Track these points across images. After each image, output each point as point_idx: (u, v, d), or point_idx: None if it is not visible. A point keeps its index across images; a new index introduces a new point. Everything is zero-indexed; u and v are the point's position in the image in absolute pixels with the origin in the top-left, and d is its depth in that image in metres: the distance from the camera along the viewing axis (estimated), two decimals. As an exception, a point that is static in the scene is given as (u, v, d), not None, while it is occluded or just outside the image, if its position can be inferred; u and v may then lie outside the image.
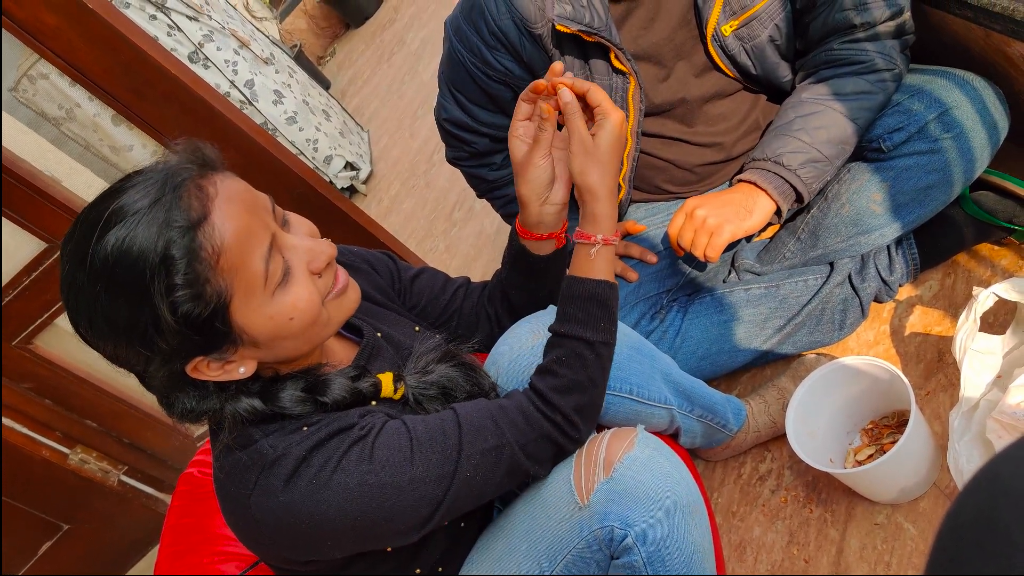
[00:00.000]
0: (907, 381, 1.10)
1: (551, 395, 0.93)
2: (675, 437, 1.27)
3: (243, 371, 0.86)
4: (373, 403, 0.94)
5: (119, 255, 0.76)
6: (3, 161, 1.84)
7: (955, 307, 1.33)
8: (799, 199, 1.26)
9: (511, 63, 1.30)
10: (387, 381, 0.95)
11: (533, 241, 1.09)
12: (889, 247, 1.36)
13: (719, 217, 1.23)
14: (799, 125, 1.24)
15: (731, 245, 1.34)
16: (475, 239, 2.52)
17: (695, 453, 1.39)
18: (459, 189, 2.74)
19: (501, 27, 1.26)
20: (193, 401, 0.86)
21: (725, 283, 1.44)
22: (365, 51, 4.64)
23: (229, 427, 0.87)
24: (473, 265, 2.45)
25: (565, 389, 0.94)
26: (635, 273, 1.45)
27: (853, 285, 1.35)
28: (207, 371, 0.84)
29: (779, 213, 1.27)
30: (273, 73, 3.26)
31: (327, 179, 3.29)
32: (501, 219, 1.71)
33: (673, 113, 1.37)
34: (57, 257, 1.91)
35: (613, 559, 0.92)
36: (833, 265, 1.36)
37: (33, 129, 2.39)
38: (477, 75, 1.34)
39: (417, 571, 1.00)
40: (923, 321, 1.35)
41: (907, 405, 1.09)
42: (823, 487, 1.26)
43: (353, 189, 3.41)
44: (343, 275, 0.93)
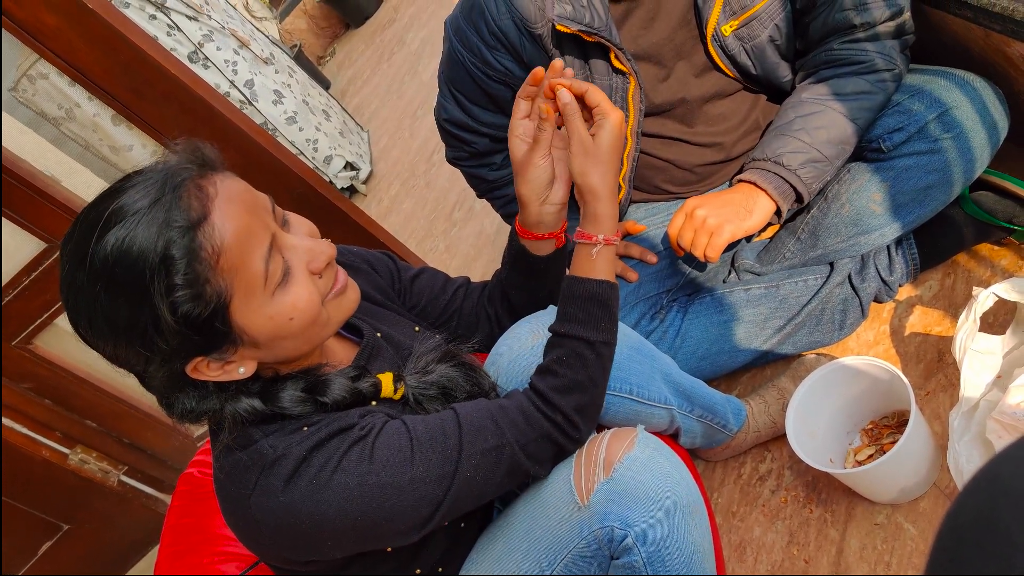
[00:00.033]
0: (907, 381, 1.10)
1: (551, 395, 0.93)
2: (675, 437, 1.27)
3: (243, 371, 0.86)
4: (373, 403, 0.94)
5: (119, 255, 0.76)
6: (3, 161, 1.84)
7: (955, 307, 1.33)
8: (799, 199, 1.26)
9: (511, 63, 1.30)
10: (387, 381, 0.95)
11: (533, 241, 1.09)
12: (889, 247, 1.36)
13: (719, 217, 1.23)
14: (799, 125, 1.24)
15: (731, 245, 1.34)
16: (475, 239, 2.52)
17: (695, 453, 1.39)
18: (459, 189, 2.74)
19: (501, 27, 1.26)
20: (193, 401, 0.86)
21: (725, 283, 1.44)
22: (365, 51, 4.64)
23: (229, 427, 0.87)
24: (473, 265, 2.44)
25: (565, 389, 0.94)
26: (635, 273, 1.45)
27: (853, 285, 1.35)
28: (207, 371, 0.84)
29: (779, 213, 1.27)
30: (273, 73, 3.26)
31: (327, 179, 3.29)
32: (501, 219, 1.71)
33: (673, 113, 1.37)
34: (57, 257, 1.91)
35: (613, 559, 0.92)
36: (833, 265, 1.36)
37: (33, 129, 2.39)
38: (477, 75, 1.33)
39: (417, 571, 1.00)
40: (923, 321, 1.35)
41: (907, 405, 1.09)
42: (823, 487, 1.26)
43: (353, 189, 3.41)
44: (343, 275, 0.93)
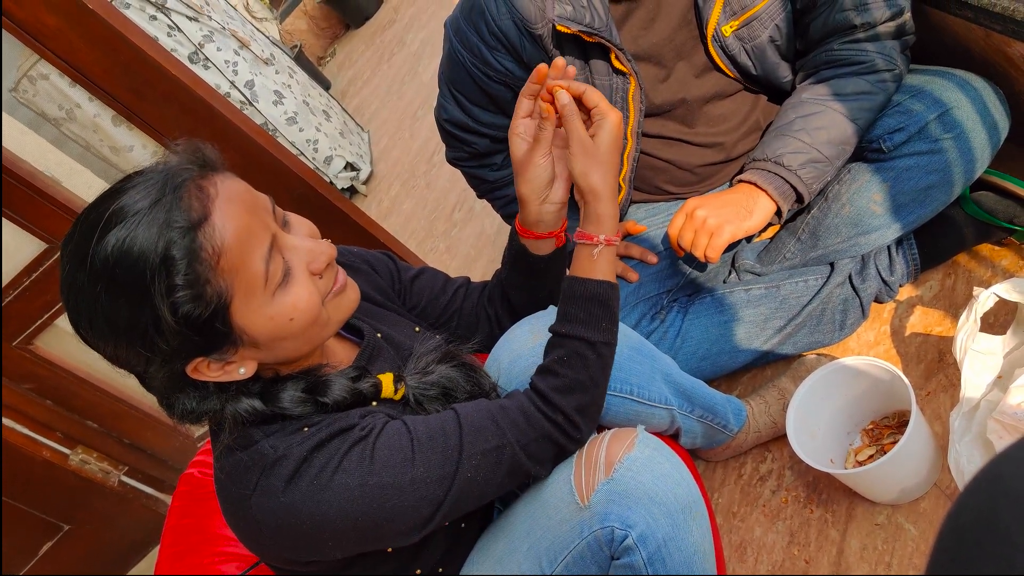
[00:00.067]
0: (907, 381, 1.10)
1: (552, 395, 0.93)
2: (675, 438, 1.27)
3: (243, 372, 0.86)
4: (374, 404, 0.94)
5: (119, 256, 0.76)
6: (3, 162, 1.84)
7: (955, 307, 1.33)
8: (799, 199, 1.26)
9: (511, 63, 1.30)
10: (387, 382, 0.95)
11: (533, 240, 1.09)
12: (889, 247, 1.36)
13: (719, 217, 1.23)
14: (799, 125, 1.24)
15: (731, 245, 1.34)
16: (475, 240, 2.52)
17: (695, 453, 1.39)
18: (459, 190, 2.74)
19: (501, 27, 1.26)
20: (193, 402, 0.86)
21: (725, 283, 1.44)
22: (365, 52, 4.64)
23: (229, 428, 0.87)
24: (473, 266, 2.44)
25: (566, 389, 0.94)
26: (635, 274, 1.45)
27: (853, 285, 1.35)
28: (207, 372, 0.84)
29: (779, 213, 1.27)
30: (273, 74, 3.26)
31: (327, 180, 3.29)
32: (501, 220, 1.71)
33: (673, 114, 1.37)
34: (57, 258, 1.91)
35: (613, 559, 0.92)
36: (833, 265, 1.36)
37: (33, 130, 2.39)
38: (477, 75, 1.33)
39: (418, 571, 1.00)
40: (923, 321, 1.35)
41: (908, 405, 1.09)
42: (824, 487, 1.26)
43: (353, 190, 3.41)
44: (343, 276, 0.93)
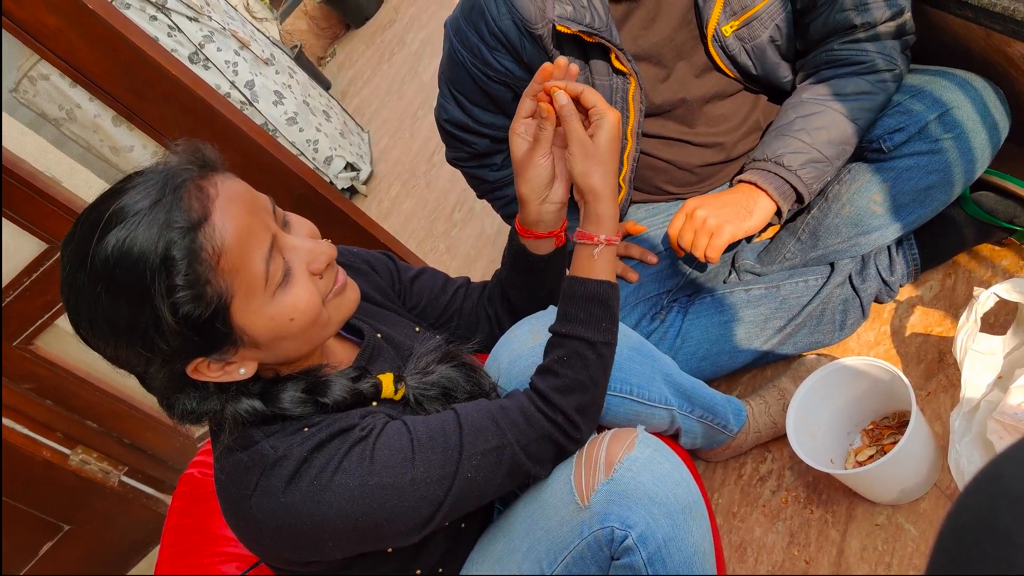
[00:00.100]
0: (908, 382, 1.10)
1: (552, 395, 0.93)
2: (675, 438, 1.27)
3: (243, 372, 0.86)
4: (374, 404, 0.94)
5: (120, 256, 0.76)
6: (4, 162, 1.84)
7: (956, 308, 1.33)
8: (799, 199, 1.26)
9: (511, 64, 1.30)
10: (388, 382, 0.95)
11: (533, 240, 1.09)
12: (890, 247, 1.36)
13: (719, 218, 1.23)
14: (800, 125, 1.24)
15: (731, 245, 1.34)
16: (475, 240, 2.52)
17: (696, 454, 1.39)
18: (459, 190, 2.74)
19: (501, 28, 1.26)
20: (193, 402, 0.86)
21: (725, 284, 1.44)
22: (365, 52, 4.64)
23: (230, 428, 0.87)
24: (473, 266, 2.44)
25: (566, 389, 0.94)
26: (635, 274, 1.45)
27: (854, 285, 1.35)
28: (207, 372, 0.84)
29: (779, 214, 1.27)
30: (273, 74, 3.26)
31: (327, 180, 3.29)
32: (501, 220, 1.71)
33: (673, 114, 1.37)
34: (57, 258, 1.92)
35: (613, 560, 0.91)
36: (833, 266, 1.36)
37: (34, 130, 2.39)
38: (477, 76, 1.33)
39: (418, 572, 1.00)
40: (924, 322, 1.35)
41: (908, 406, 1.09)
42: (824, 488, 1.26)
43: (353, 190, 3.41)
44: (343, 276, 0.93)
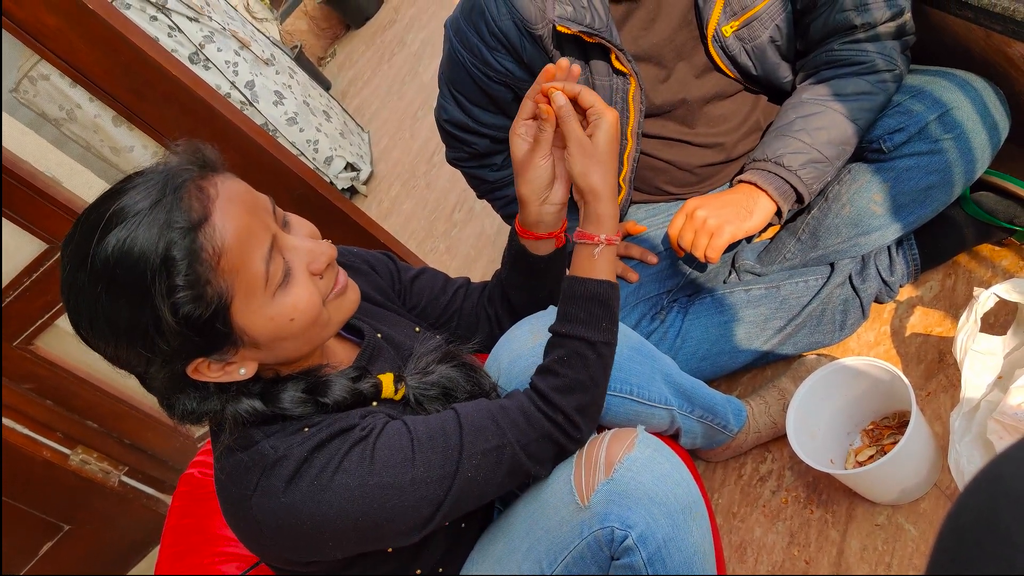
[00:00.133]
0: (908, 382, 1.10)
1: (552, 395, 0.93)
2: (675, 438, 1.27)
3: (244, 372, 0.86)
4: (374, 404, 0.94)
5: (120, 256, 0.76)
6: (4, 162, 1.84)
7: (956, 308, 1.33)
8: (799, 200, 1.26)
9: (511, 64, 1.30)
10: (388, 382, 0.95)
11: (533, 241, 1.09)
12: (890, 248, 1.36)
13: (719, 218, 1.23)
14: (800, 126, 1.24)
15: (731, 246, 1.34)
16: (475, 240, 2.52)
17: (695, 454, 1.39)
18: (459, 190, 2.74)
19: (501, 28, 1.26)
20: (194, 402, 0.86)
21: (725, 284, 1.44)
22: (365, 52, 4.64)
23: (230, 428, 0.87)
24: (473, 266, 2.44)
25: (566, 389, 0.94)
26: (635, 274, 1.45)
27: (854, 286, 1.35)
28: (208, 372, 0.84)
29: (779, 214, 1.27)
30: (273, 74, 3.26)
31: (327, 180, 3.29)
32: (501, 220, 1.71)
33: (674, 114, 1.37)
34: (58, 258, 1.92)
35: (613, 560, 0.91)
36: (834, 266, 1.36)
37: (34, 130, 2.39)
38: (477, 76, 1.33)
39: (418, 572, 1.00)
40: (924, 322, 1.35)
41: (908, 406, 1.09)
42: (824, 488, 1.26)
43: (353, 190, 3.41)
44: (343, 276, 0.93)
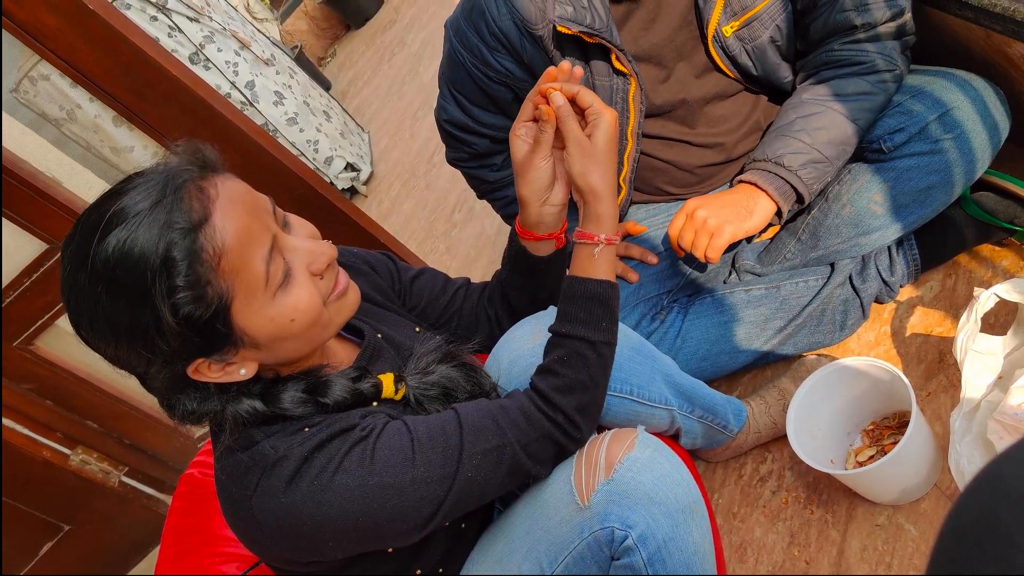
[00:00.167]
0: (908, 382, 1.10)
1: (552, 395, 0.93)
2: (676, 438, 1.27)
3: (244, 373, 0.86)
4: (374, 404, 0.94)
5: (120, 257, 0.76)
6: (4, 162, 1.84)
7: (956, 308, 1.33)
8: (800, 200, 1.26)
9: (512, 64, 1.30)
10: (388, 382, 0.95)
11: (533, 241, 1.10)
12: (890, 248, 1.36)
13: (719, 218, 1.23)
14: (800, 126, 1.24)
15: (732, 246, 1.34)
16: (475, 240, 2.52)
17: (696, 454, 1.39)
18: (459, 190, 2.74)
19: (502, 28, 1.26)
20: (194, 403, 0.86)
21: (726, 284, 1.44)
22: (366, 52, 4.64)
23: (230, 428, 0.87)
24: (473, 266, 2.44)
25: (567, 389, 0.94)
26: (635, 274, 1.45)
27: (854, 286, 1.35)
28: (208, 373, 0.84)
29: (780, 214, 1.27)
30: (274, 74, 3.26)
31: (328, 180, 3.29)
32: (501, 220, 1.71)
33: (674, 114, 1.37)
34: (58, 258, 1.91)
35: (613, 560, 0.91)
36: (834, 266, 1.36)
37: (34, 130, 2.39)
38: (477, 76, 1.33)
39: (418, 572, 1.00)
40: (924, 322, 1.35)
41: (908, 406, 1.09)
42: (824, 488, 1.26)
43: (354, 190, 3.41)
44: (344, 277, 0.93)
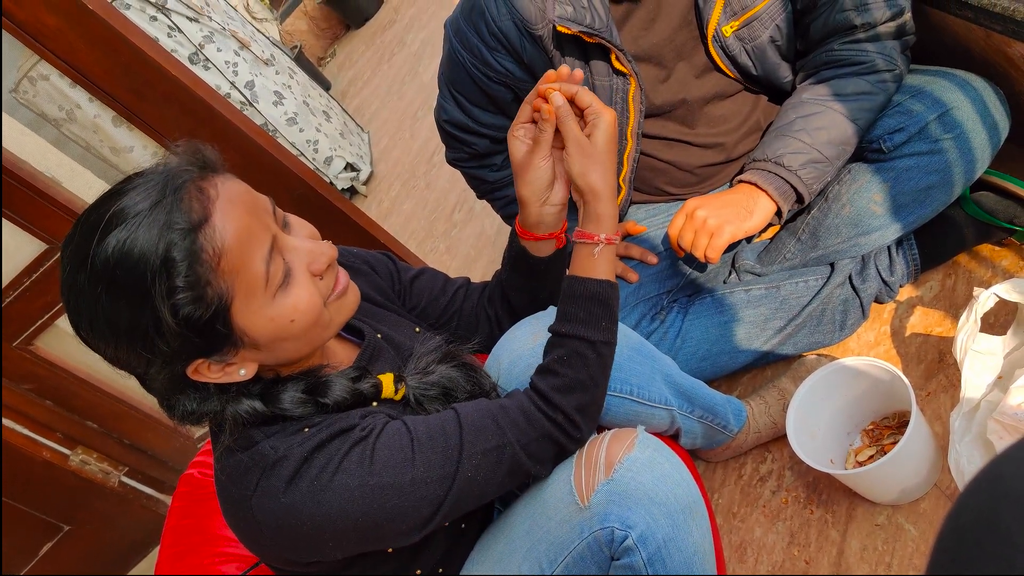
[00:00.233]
0: (908, 382, 1.10)
1: (552, 395, 0.93)
2: (676, 438, 1.27)
3: (244, 373, 0.86)
4: (374, 404, 0.94)
5: (120, 257, 0.76)
6: (3, 162, 1.84)
7: (956, 308, 1.33)
8: (799, 200, 1.26)
9: (511, 64, 1.30)
10: (388, 382, 0.95)
11: (533, 242, 1.10)
12: (890, 248, 1.36)
13: (719, 218, 1.23)
14: (800, 126, 1.24)
15: (732, 246, 1.34)
16: (475, 240, 2.52)
17: (696, 454, 1.39)
18: (459, 190, 2.74)
19: (501, 28, 1.26)
20: (194, 403, 0.86)
21: (725, 284, 1.44)
22: (365, 52, 4.64)
23: (230, 429, 0.87)
24: (473, 266, 2.44)
25: (566, 388, 0.94)
26: (635, 274, 1.45)
27: (854, 286, 1.35)
28: (208, 373, 0.84)
29: (779, 214, 1.27)
30: (273, 74, 3.26)
31: (327, 180, 3.29)
32: (501, 220, 1.71)
33: (674, 114, 1.37)
34: (58, 258, 1.91)
35: (613, 560, 0.92)
36: (834, 266, 1.36)
37: (34, 130, 2.39)
38: (477, 76, 1.33)
39: (418, 572, 1.00)
40: (924, 322, 1.35)
41: (908, 406, 1.09)
42: (824, 488, 1.26)
43: (353, 190, 3.41)
44: (344, 277, 0.93)
